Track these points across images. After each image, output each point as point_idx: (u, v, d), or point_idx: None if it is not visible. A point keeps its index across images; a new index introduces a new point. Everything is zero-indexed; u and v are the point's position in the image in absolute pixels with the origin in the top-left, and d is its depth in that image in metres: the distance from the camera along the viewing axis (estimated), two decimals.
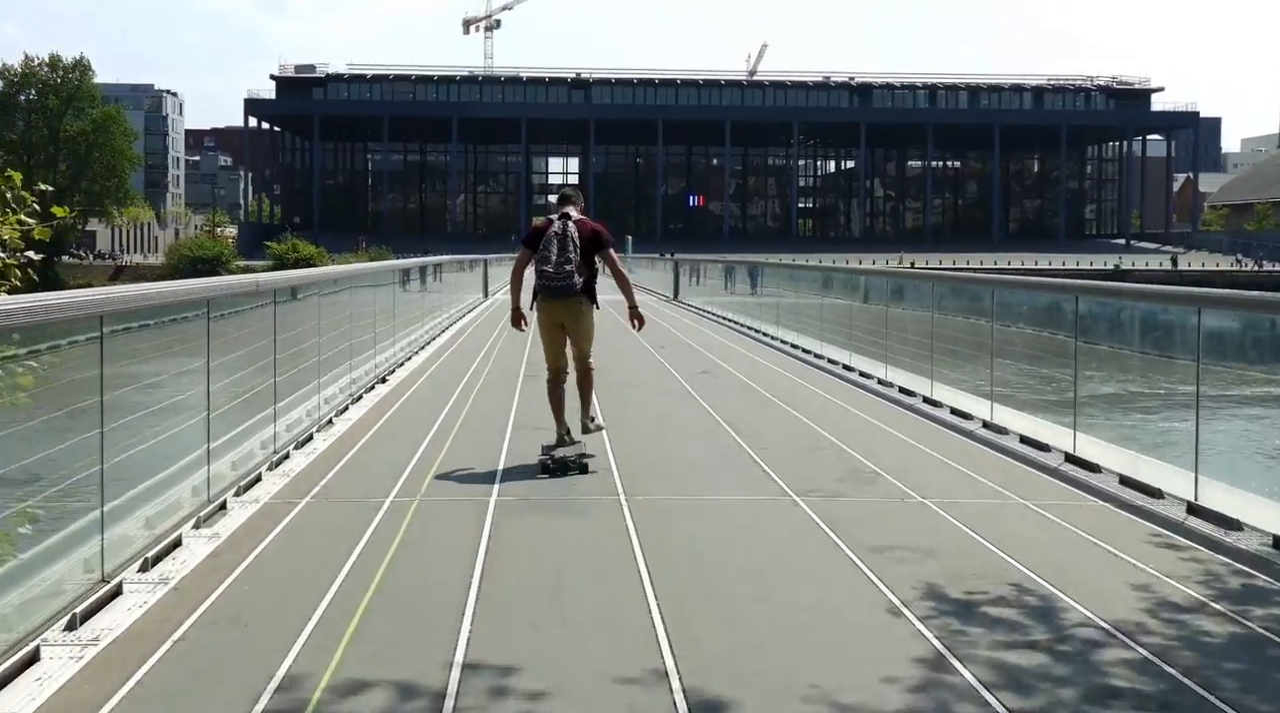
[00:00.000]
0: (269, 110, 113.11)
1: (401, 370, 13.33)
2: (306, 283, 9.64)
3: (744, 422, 9.69)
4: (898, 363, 12.51)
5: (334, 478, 7.25)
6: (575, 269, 7.81)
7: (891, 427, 9.65)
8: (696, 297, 29.66)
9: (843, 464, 7.95)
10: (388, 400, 10.93)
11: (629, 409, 10.45)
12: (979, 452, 8.54)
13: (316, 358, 9.20)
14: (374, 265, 16.99)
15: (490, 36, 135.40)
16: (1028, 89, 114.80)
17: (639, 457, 8.19)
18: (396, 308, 14.58)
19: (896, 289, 14.34)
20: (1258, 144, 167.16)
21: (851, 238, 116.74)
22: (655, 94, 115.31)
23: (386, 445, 8.48)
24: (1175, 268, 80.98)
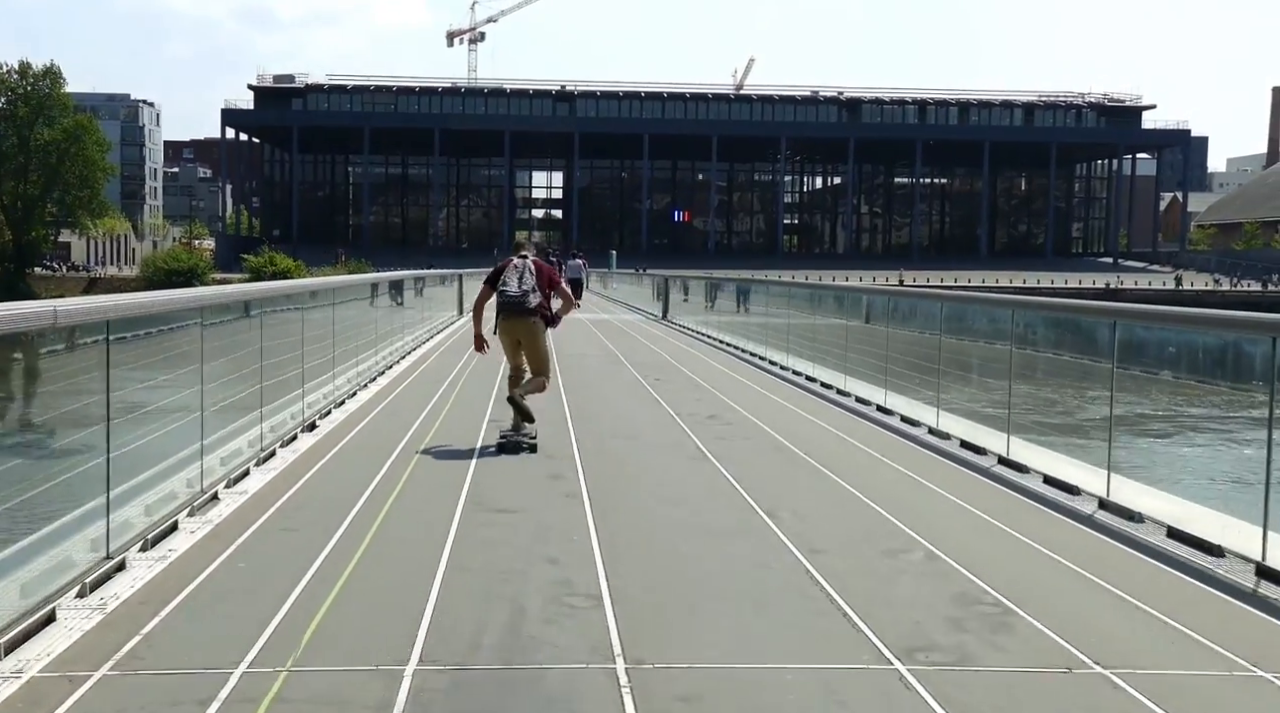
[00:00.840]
0: (247, 121, 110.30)
1: (352, 403, 11.30)
2: (240, 301, 8.35)
3: (780, 500, 7.02)
4: (951, 407, 9.94)
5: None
6: (531, 291, 9.01)
7: (988, 512, 6.88)
8: (687, 316, 27.08)
9: (945, 588, 5.26)
10: (330, 441, 8.82)
11: (622, 482, 7.69)
12: (1141, 564, 5.79)
13: (259, 384, 8.15)
14: (331, 280, 14.62)
15: (474, 49, 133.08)
16: (1018, 105, 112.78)
17: (643, 578, 5.34)
18: (349, 330, 12.55)
19: (928, 313, 11.81)
20: (1243, 164, 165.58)
21: (837, 254, 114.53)
22: (641, 107, 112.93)
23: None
24: (1178, 288, 78.58)
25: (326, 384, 10.88)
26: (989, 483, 7.84)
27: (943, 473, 8.18)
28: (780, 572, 5.48)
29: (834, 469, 8.11)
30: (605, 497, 7.01)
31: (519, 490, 7.20)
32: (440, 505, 6.68)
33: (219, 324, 7.56)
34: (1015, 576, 5.45)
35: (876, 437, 9.77)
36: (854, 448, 9.21)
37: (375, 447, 8.62)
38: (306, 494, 6.97)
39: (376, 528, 6.02)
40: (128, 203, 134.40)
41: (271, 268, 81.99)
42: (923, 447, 9.27)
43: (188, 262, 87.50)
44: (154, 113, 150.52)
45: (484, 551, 5.68)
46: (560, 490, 7.23)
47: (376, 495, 6.88)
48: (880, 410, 11.02)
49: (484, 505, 6.73)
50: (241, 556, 5.52)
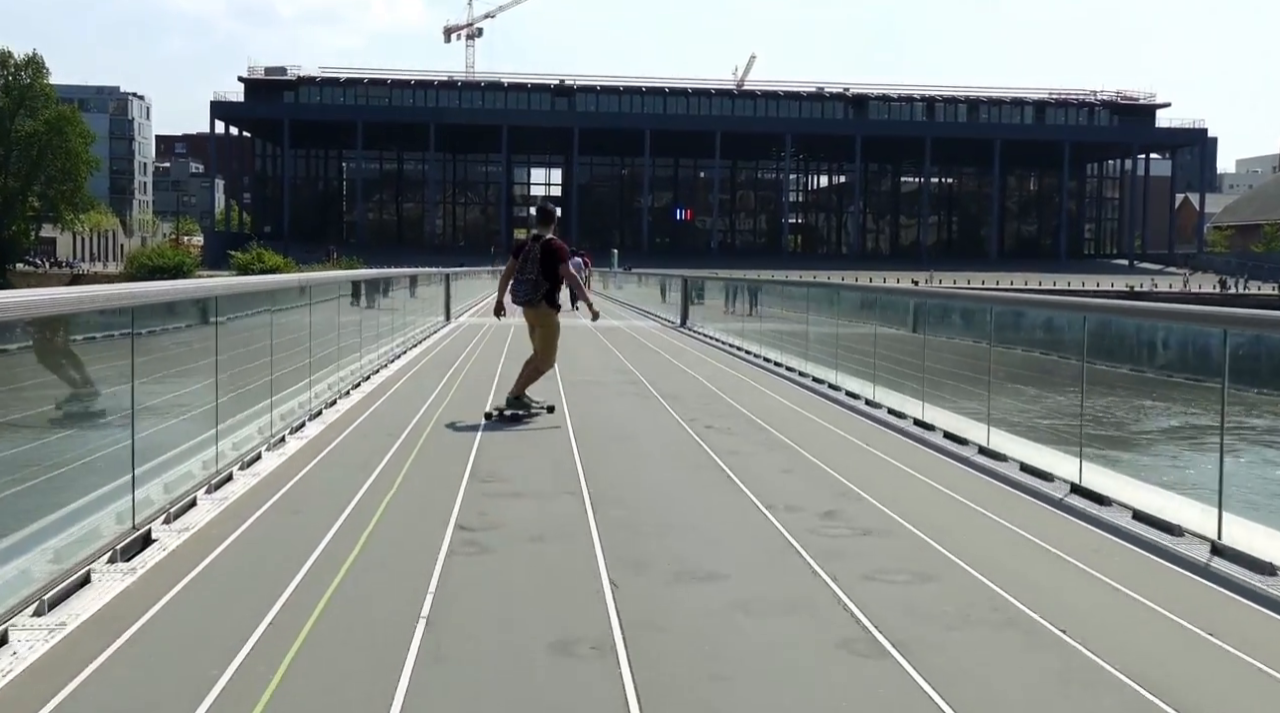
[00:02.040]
0: (237, 114, 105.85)
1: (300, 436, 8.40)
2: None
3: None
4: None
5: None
6: (534, 280, 9.56)
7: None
8: (709, 323, 22.70)
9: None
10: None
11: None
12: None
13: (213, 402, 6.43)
14: (280, 278, 10.68)
15: (472, 45, 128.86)
16: (1029, 103, 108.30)
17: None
18: (315, 336, 9.78)
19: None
20: (1253, 165, 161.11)
21: (843, 255, 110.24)
22: (642, 103, 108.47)
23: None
24: (1225, 291, 74.13)
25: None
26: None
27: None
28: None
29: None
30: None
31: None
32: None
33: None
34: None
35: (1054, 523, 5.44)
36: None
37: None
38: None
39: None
40: (116, 198, 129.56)
41: (259, 265, 78.97)
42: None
43: (173, 258, 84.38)
44: (144, 106, 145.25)
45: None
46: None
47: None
48: (1059, 480, 6.66)
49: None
50: None
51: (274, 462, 7.21)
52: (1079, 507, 6.24)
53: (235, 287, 8.45)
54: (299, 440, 8.05)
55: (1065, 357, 7.66)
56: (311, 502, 6.11)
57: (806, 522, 5.79)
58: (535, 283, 9.54)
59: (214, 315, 6.71)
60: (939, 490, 6.75)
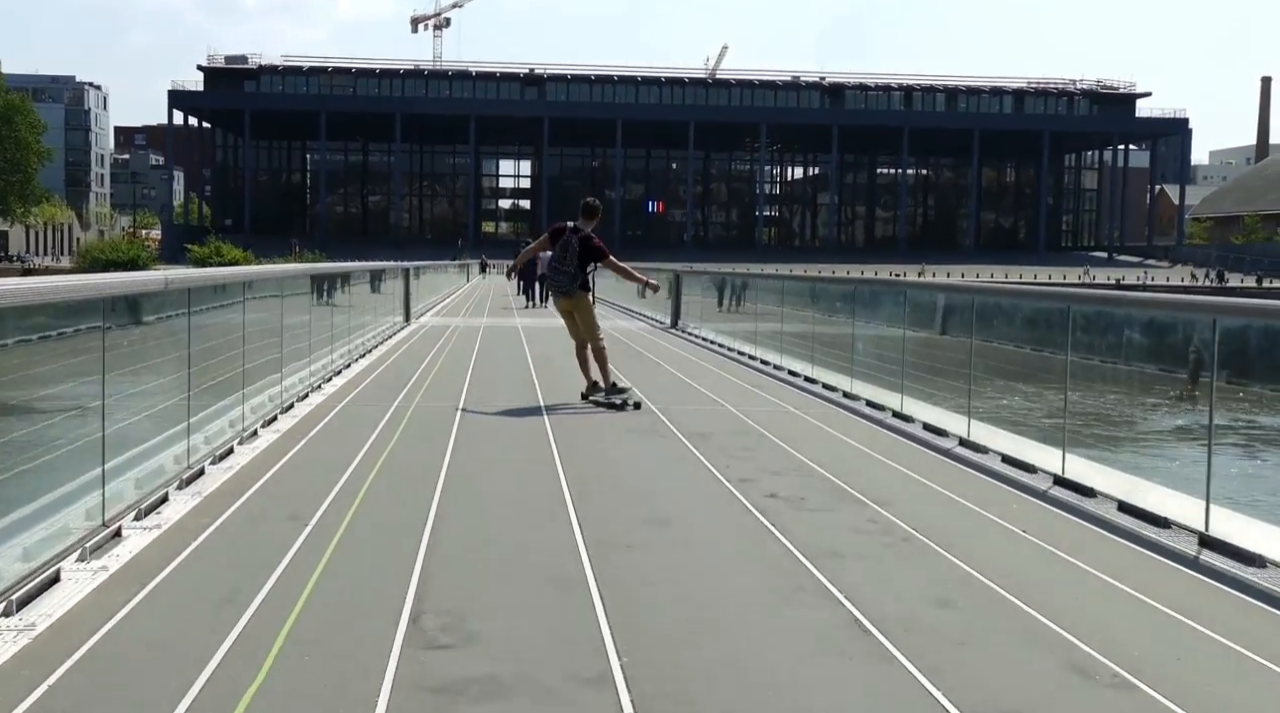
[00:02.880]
0: (196, 104, 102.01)
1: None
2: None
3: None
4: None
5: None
6: (573, 275, 9.95)
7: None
8: (704, 324, 19.81)
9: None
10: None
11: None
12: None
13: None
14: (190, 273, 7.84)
15: (439, 36, 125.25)
16: (1008, 92, 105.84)
17: None
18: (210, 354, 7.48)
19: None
20: (1227, 157, 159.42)
21: (818, 247, 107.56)
22: (614, 92, 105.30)
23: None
24: (1223, 284, 71.87)
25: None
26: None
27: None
28: None
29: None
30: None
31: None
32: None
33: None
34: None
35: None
36: None
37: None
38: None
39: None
40: (72, 190, 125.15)
41: (218, 259, 76.09)
42: None
43: (127, 252, 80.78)
44: (101, 96, 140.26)
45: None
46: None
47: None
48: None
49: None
50: None
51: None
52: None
53: (130, 283, 6.01)
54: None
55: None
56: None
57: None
58: (573, 276, 9.95)
59: (104, 319, 5.03)
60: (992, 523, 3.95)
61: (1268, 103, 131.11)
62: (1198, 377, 6.75)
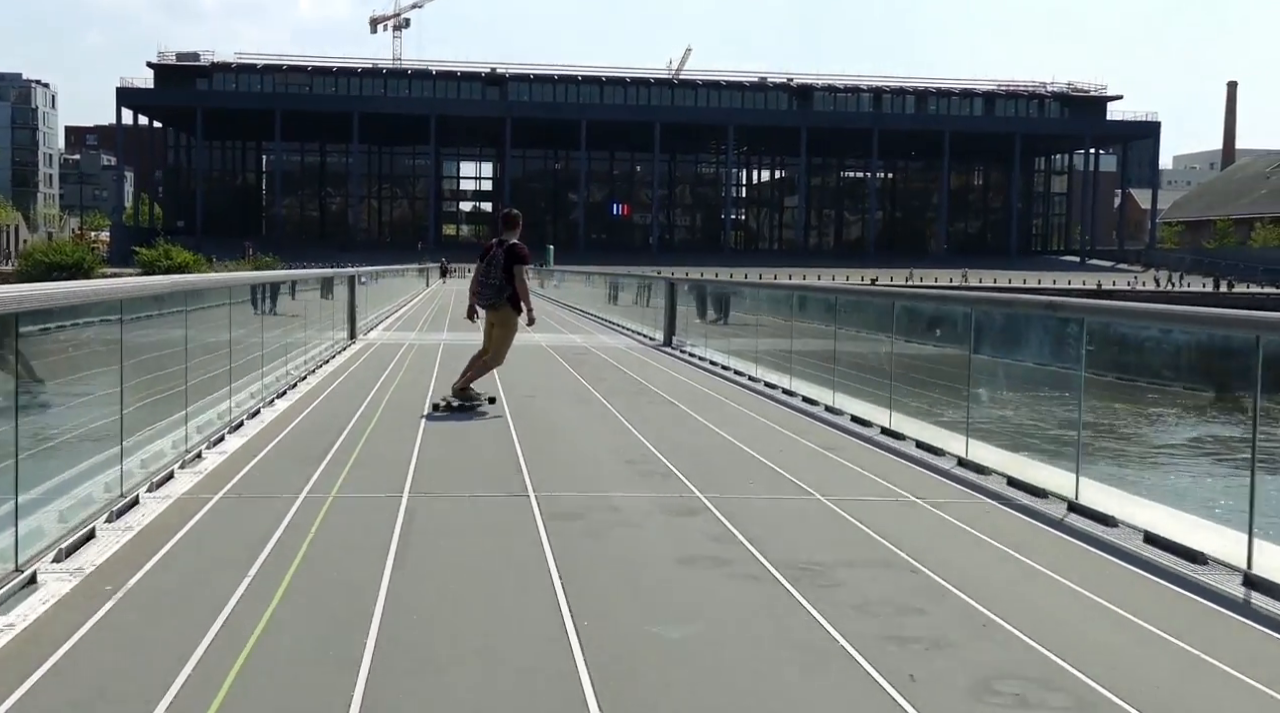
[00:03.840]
0: (146, 102, 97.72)
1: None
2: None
3: None
4: None
5: None
6: (499, 287, 9.65)
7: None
8: (704, 342, 16.65)
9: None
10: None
11: None
12: None
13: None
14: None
15: (399, 37, 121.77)
16: (978, 94, 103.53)
17: None
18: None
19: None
20: (1191, 161, 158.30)
21: (785, 251, 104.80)
22: (578, 92, 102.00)
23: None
24: (1221, 291, 69.57)
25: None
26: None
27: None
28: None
29: None
30: None
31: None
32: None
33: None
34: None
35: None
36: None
37: None
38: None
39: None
40: (19, 191, 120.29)
41: (167, 262, 73.13)
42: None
43: (72, 255, 77.28)
44: (49, 94, 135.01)
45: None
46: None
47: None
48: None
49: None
50: None
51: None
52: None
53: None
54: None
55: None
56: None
57: None
58: (499, 287, 9.62)
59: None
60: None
61: (1234, 107, 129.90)
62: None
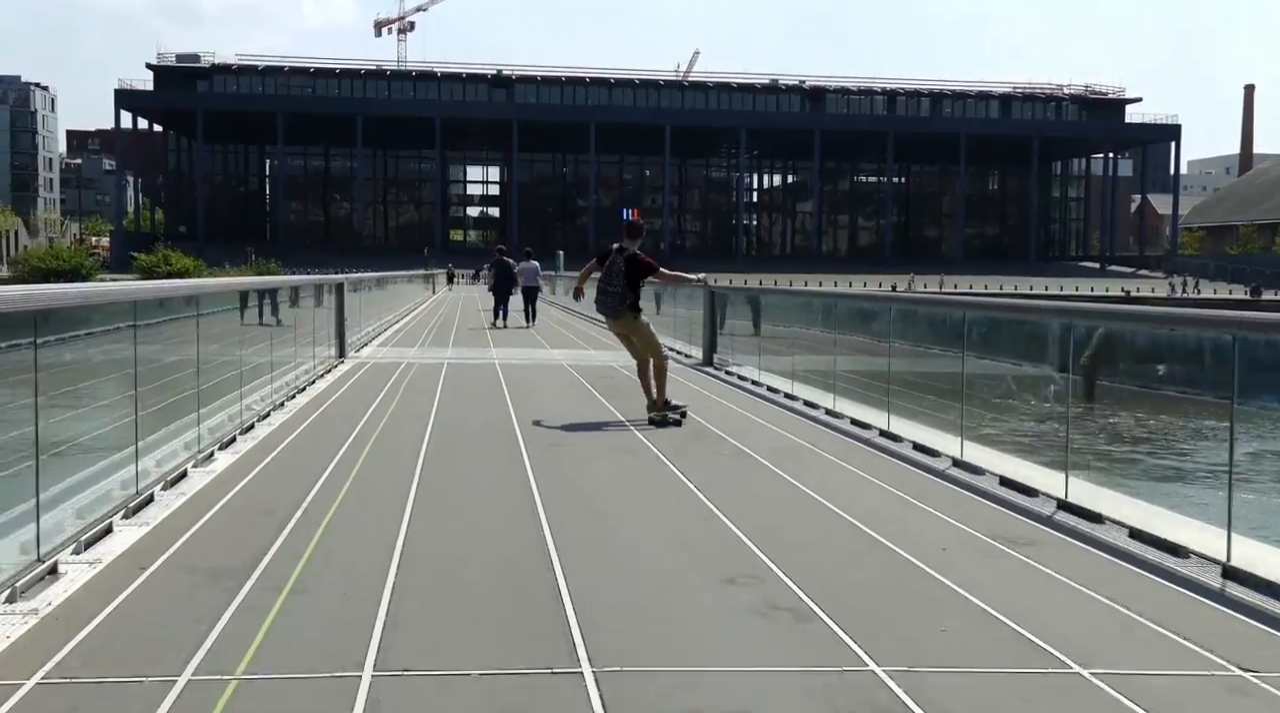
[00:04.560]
0: (145, 104, 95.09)
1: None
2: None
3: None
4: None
5: None
6: (621, 295, 9.16)
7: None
8: (750, 359, 13.77)
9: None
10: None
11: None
12: None
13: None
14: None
15: (404, 40, 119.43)
16: (994, 97, 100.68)
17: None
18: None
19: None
20: (1207, 166, 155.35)
21: (798, 256, 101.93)
22: (586, 94, 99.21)
23: None
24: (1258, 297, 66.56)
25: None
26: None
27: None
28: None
29: None
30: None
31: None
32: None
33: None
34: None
35: None
36: None
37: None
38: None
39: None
40: (19, 196, 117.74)
41: (166, 268, 70.61)
42: None
43: (69, 260, 75.15)
44: (48, 97, 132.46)
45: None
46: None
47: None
48: None
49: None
50: None
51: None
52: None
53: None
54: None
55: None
56: None
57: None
58: (621, 295, 9.20)
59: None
60: None
61: (1251, 111, 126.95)
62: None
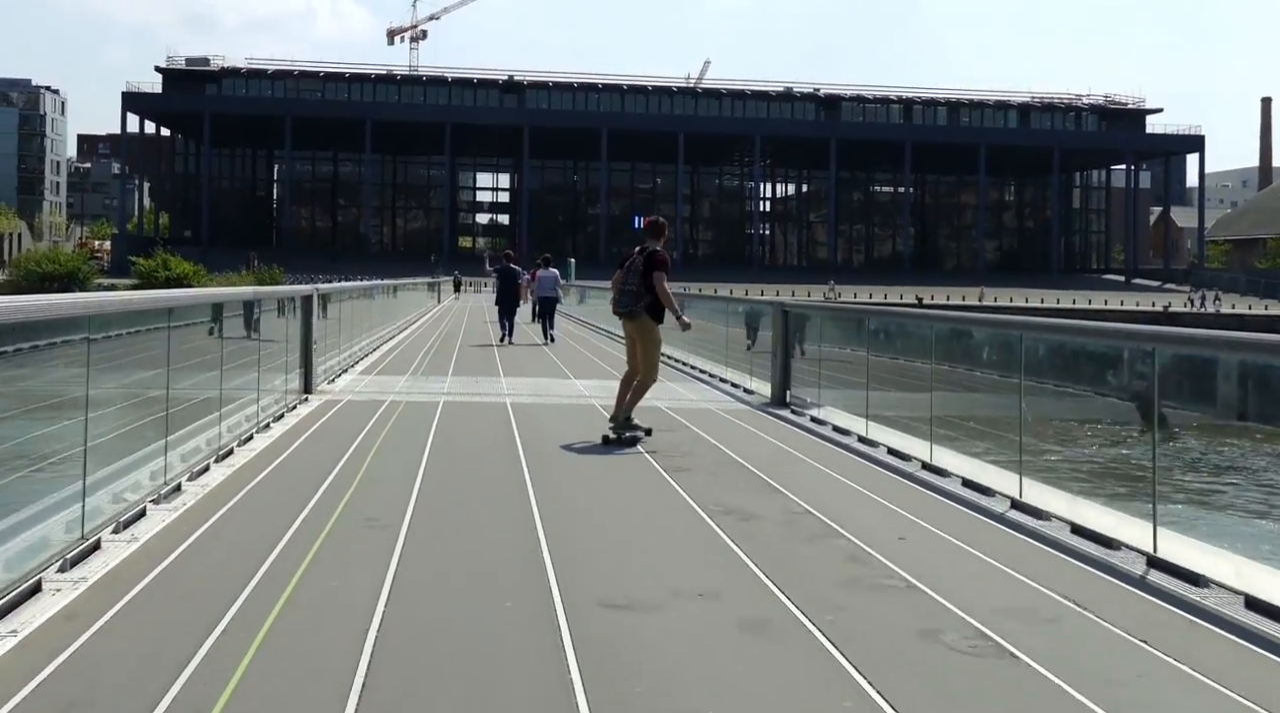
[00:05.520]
0: (153, 107, 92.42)
1: None
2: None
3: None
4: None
5: None
6: (636, 293, 8.78)
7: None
8: (836, 399, 10.46)
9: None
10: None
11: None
12: None
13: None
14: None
15: (416, 48, 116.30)
16: (1013, 106, 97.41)
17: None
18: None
19: None
20: (1222, 179, 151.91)
21: (814, 267, 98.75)
22: (598, 101, 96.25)
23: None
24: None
25: None
26: None
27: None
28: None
29: None
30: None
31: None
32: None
33: None
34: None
35: None
36: None
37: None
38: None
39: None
40: (25, 199, 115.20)
41: (164, 273, 67.70)
42: None
43: (66, 264, 72.40)
44: (58, 101, 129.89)
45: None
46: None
47: None
48: None
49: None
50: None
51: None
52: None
53: None
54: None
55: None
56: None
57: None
58: (636, 294, 8.86)
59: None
60: None
61: (1269, 124, 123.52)
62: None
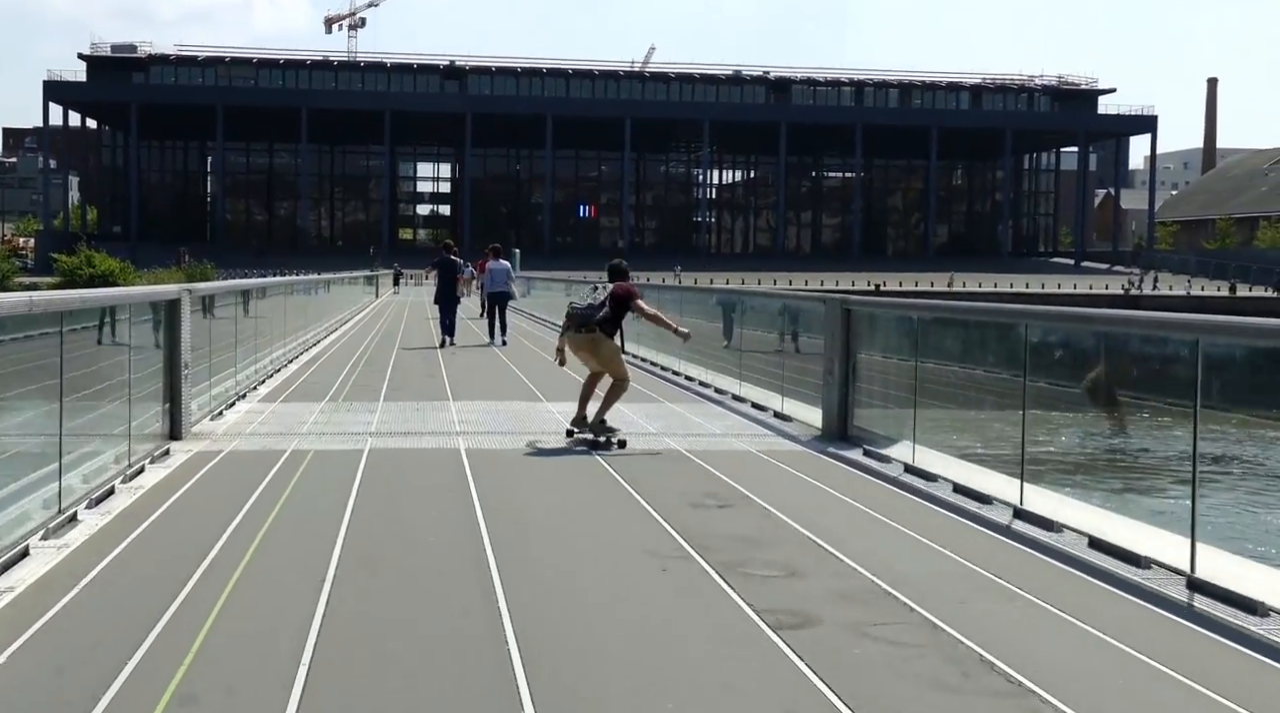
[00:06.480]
0: (76, 97, 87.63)
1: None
2: None
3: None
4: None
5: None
6: (597, 306, 8.23)
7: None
8: (934, 438, 7.25)
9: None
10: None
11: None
12: None
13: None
14: None
15: (354, 36, 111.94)
16: (965, 88, 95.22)
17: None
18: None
19: None
20: (1165, 161, 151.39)
21: (762, 254, 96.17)
22: (542, 85, 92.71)
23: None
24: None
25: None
26: None
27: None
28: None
29: None
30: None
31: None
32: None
33: None
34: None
35: None
36: None
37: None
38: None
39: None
40: None
41: (89, 270, 62.96)
42: None
43: None
44: None
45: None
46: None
47: None
48: None
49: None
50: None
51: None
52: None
53: None
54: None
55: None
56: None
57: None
58: (599, 307, 8.22)
59: None
60: None
61: (1214, 105, 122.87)
62: None
